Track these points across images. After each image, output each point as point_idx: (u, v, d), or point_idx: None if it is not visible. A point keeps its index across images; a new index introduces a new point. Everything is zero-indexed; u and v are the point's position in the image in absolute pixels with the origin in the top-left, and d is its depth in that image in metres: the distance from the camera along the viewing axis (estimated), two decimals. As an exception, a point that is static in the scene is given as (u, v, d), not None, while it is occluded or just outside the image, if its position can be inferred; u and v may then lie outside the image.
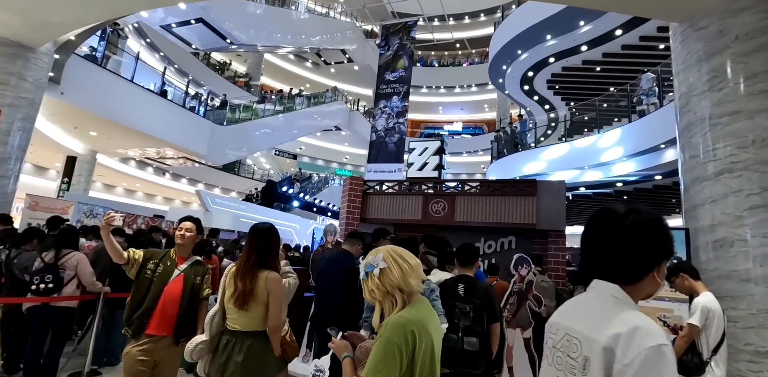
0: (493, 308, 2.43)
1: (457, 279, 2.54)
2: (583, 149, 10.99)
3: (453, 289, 2.48)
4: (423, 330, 1.16)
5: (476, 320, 2.32)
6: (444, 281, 2.56)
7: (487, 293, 2.46)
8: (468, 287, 2.47)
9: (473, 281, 2.51)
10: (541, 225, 5.76)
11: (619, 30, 11.36)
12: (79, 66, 9.32)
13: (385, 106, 16.79)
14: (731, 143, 3.20)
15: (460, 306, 2.34)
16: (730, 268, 3.08)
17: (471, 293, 2.44)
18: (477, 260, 2.63)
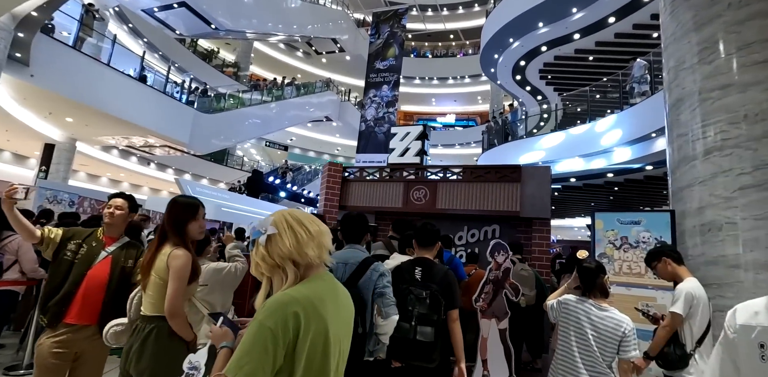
0: (452, 293, 2.18)
1: (414, 262, 2.29)
2: (580, 136, 10.66)
3: (409, 273, 2.22)
4: (313, 312, 0.90)
5: (433, 307, 2.07)
6: (399, 265, 2.31)
7: (446, 277, 2.21)
8: (426, 271, 2.21)
9: (431, 264, 2.26)
10: (524, 213, 5.53)
11: (612, 17, 11.09)
12: (50, 48, 8.91)
13: (374, 95, 16.49)
14: (722, 119, 2.96)
15: (416, 292, 2.09)
16: (718, 253, 2.85)
17: (428, 277, 2.19)
18: (438, 242, 2.37)
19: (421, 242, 2.35)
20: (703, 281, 2.78)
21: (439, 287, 2.15)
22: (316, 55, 24.43)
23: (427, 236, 2.35)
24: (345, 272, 2.17)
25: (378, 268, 2.13)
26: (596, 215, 3.16)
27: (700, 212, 3.00)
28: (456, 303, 2.19)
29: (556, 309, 2.23)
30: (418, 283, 2.15)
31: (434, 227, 2.37)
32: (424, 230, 2.35)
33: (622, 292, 2.97)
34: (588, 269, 2.16)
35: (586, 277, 2.16)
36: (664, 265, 2.44)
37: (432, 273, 2.21)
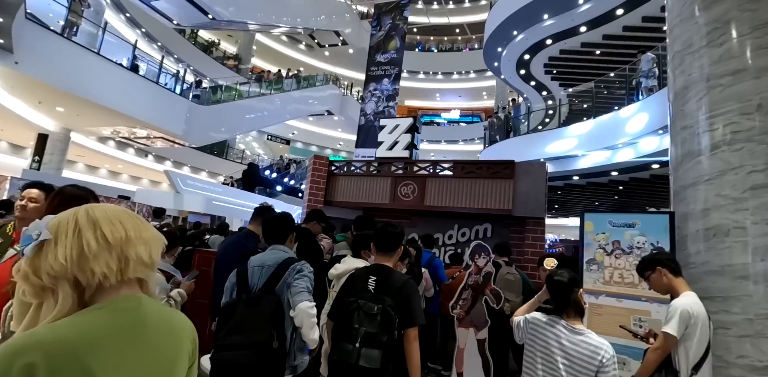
0: (409, 309, 1.85)
1: (369, 270, 1.96)
2: (606, 124, 9.81)
3: (361, 283, 1.90)
4: (67, 363, 0.59)
5: (384, 325, 1.75)
6: (351, 273, 1.99)
7: (405, 288, 1.88)
8: (381, 280, 1.89)
9: (389, 273, 1.93)
10: (517, 211, 5.18)
11: (620, 9, 10.62)
12: (37, 35, 8.66)
13: (375, 89, 16.08)
14: (732, 109, 2.60)
15: (366, 307, 1.77)
16: (724, 262, 2.50)
17: (383, 288, 1.87)
18: (400, 247, 2.04)
19: (380, 246, 2.02)
20: (706, 294, 2.43)
21: (395, 300, 1.83)
22: (318, 48, 24.06)
23: (387, 239, 2.02)
24: (261, 276, 1.95)
25: (297, 267, 1.93)
26: (586, 216, 2.81)
27: (704, 214, 2.65)
28: (415, 320, 1.86)
29: (522, 328, 1.90)
30: (369, 295, 1.83)
31: (396, 229, 2.04)
32: (384, 233, 2.02)
33: (611, 304, 2.63)
34: (559, 283, 1.83)
35: (557, 292, 1.83)
36: (658, 276, 2.10)
37: (388, 284, 1.88)
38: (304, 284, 1.91)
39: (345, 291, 1.93)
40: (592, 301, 2.69)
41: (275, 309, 1.85)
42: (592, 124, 10.12)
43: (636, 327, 2.54)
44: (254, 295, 1.90)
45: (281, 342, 1.83)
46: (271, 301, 1.86)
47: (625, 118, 9.00)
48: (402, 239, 2.06)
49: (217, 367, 1.77)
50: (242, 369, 1.75)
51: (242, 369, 1.75)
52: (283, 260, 1.98)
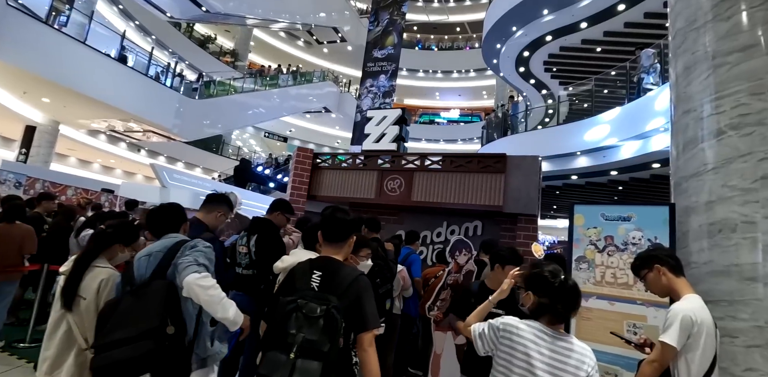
0: (361, 310, 1.56)
1: (314, 264, 1.65)
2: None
3: (303, 278, 1.60)
4: None
5: (327, 331, 1.45)
6: (292, 267, 1.69)
7: (356, 286, 1.58)
8: (327, 276, 1.59)
9: (338, 267, 1.63)
10: (508, 208, 4.89)
11: (622, 5, 10.33)
12: (19, 22, 8.39)
13: (371, 85, 15.82)
14: (741, 89, 2.31)
15: (307, 308, 1.46)
16: (730, 261, 2.21)
17: (329, 286, 1.57)
18: (352, 236, 1.75)
19: (328, 235, 1.71)
20: (710, 297, 2.14)
21: (343, 300, 1.53)
22: (317, 45, 23.78)
23: (335, 227, 1.71)
24: (148, 266, 1.71)
25: (190, 244, 1.75)
26: (575, 208, 2.52)
27: (708, 207, 2.36)
28: (369, 324, 1.57)
29: (489, 337, 1.58)
30: (311, 294, 1.53)
31: (348, 216, 1.74)
32: (332, 220, 1.71)
33: (603, 307, 2.33)
34: (540, 277, 1.53)
35: (539, 289, 1.53)
36: (656, 275, 1.81)
37: (335, 281, 1.58)
38: (192, 258, 1.68)
39: (283, 288, 1.63)
40: (582, 304, 2.40)
41: (168, 292, 1.61)
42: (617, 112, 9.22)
43: (630, 333, 2.24)
44: (140, 284, 1.66)
45: (180, 328, 1.59)
46: (160, 285, 1.63)
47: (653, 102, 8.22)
48: (355, 227, 1.76)
49: (99, 373, 1.49)
50: (130, 365, 1.49)
51: (131, 366, 1.49)
52: (174, 243, 1.76)
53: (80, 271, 1.84)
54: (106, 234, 2.00)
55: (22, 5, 9.20)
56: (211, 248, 1.80)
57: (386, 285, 2.69)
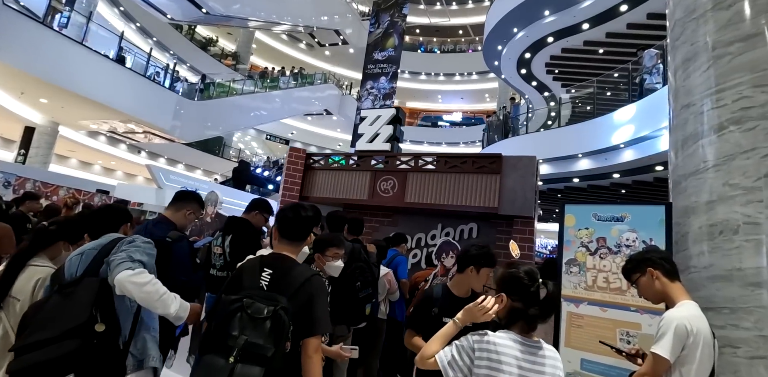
0: (311, 313, 1.42)
1: (265, 261, 1.52)
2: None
3: (251, 276, 1.47)
4: None
5: (274, 334, 1.32)
6: (241, 264, 1.55)
7: (309, 286, 1.44)
8: (278, 275, 1.46)
9: (291, 265, 1.50)
10: (503, 209, 4.73)
11: (624, 5, 10.19)
12: (16, 22, 8.37)
13: (372, 87, 15.69)
14: (743, 81, 2.16)
15: (253, 308, 1.33)
16: (733, 265, 2.05)
17: (279, 285, 1.44)
18: (309, 235, 1.62)
19: (286, 232, 1.58)
20: (710, 304, 1.99)
21: (293, 301, 1.40)
22: (319, 48, 23.77)
23: (297, 224, 1.58)
24: (80, 264, 1.59)
25: (127, 239, 1.64)
26: (566, 208, 2.36)
27: (709, 208, 2.20)
28: (317, 328, 1.44)
29: (462, 363, 1.33)
30: (259, 294, 1.40)
31: (308, 212, 1.61)
32: (294, 217, 1.57)
33: (594, 313, 2.17)
34: (516, 279, 1.39)
35: (513, 293, 1.39)
36: (649, 279, 1.65)
37: (286, 280, 1.45)
38: (125, 254, 1.54)
39: (229, 286, 1.49)
40: (572, 310, 2.24)
41: (99, 288, 1.49)
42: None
43: (623, 342, 2.09)
44: (68, 282, 1.53)
45: (112, 327, 1.46)
46: (91, 282, 1.50)
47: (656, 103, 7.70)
48: (313, 224, 1.63)
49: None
50: (50, 367, 1.35)
51: (51, 368, 1.35)
52: (109, 240, 1.65)
53: (13, 270, 1.71)
54: (47, 231, 1.87)
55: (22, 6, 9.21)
56: (151, 243, 1.68)
57: (366, 289, 2.54)
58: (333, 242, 2.15)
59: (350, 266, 2.46)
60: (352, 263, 2.49)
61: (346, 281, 2.42)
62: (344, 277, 2.32)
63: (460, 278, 1.95)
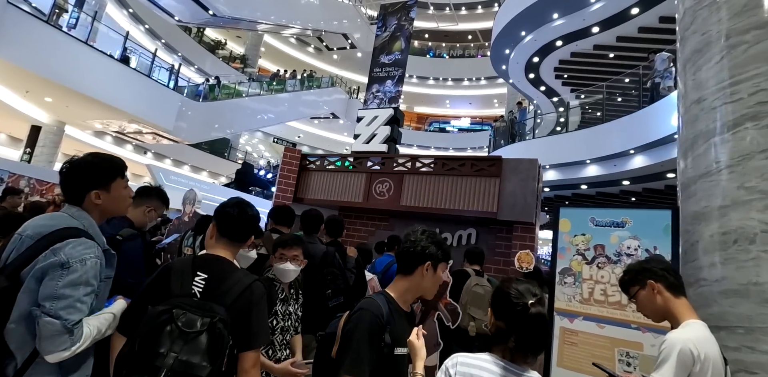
0: (249, 323, 1.23)
1: (198, 263, 1.31)
2: None
3: (182, 280, 1.27)
4: None
5: (211, 351, 1.12)
6: (166, 265, 1.35)
7: (248, 295, 1.25)
8: (213, 280, 1.27)
9: (228, 270, 1.31)
10: (502, 214, 4.51)
11: (636, 8, 9.93)
12: (20, 20, 8.38)
13: (377, 90, 15.44)
14: (761, 72, 1.94)
15: (185, 320, 1.14)
16: (749, 279, 1.82)
17: (214, 293, 1.24)
18: (251, 235, 1.42)
19: (224, 229, 1.39)
20: (722, 323, 1.75)
21: (231, 312, 1.21)
22: (327, 51, 23.80)
23: (235, 221, 1.39)
24: (13, 250, 1.25)
25: (60, 251, 1.17)
26: (561, 212, 2.14)
27: (722, 214, 1.97)
28: (256, 341, 1.25)
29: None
30: (192, 302, 1.21)
31: (252, 211, 1.42)
32: (240, 215, 1.39)
33: (590, 330, 1.94)
34: (503, 296, 1.18)
35: (499, 311, 1.18)
36: (649, 293, 1.43)
37: (224, 287, 1.26)
38: (64, 305, 1.13)
39: (152, 292, 1.29)
40: (565, 325, 2.00)
41: (7, 293, 1.15)
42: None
43: (622, 364, 1.85)
44: None
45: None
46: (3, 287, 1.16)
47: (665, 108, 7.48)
48: (253, 224, 1.43)
49: None
50: None
51: None
52: (53, 230, 1.23)
53: None
54: None
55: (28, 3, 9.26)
56: (91, 248, 1.25)
57: (337, 298, 2.32)
58: (281, 242, 1.95)
59: (320, 271, 2.26)
60: (323, 268, 2.29)
61: (316, 288, 2.21)
62: (313, 283, 2.12)
63: (409, 283, 1.37)
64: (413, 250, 1.37)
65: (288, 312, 1.98)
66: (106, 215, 1.44)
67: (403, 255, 1.39)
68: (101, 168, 1.38)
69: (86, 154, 1.40)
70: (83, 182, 1.33)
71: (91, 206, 1.35)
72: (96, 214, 1.37)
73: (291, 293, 2.04)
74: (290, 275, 1.95)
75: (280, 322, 1.95)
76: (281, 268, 1.94)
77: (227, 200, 1.45)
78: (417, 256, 1.36)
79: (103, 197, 1.35)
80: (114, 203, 1.40)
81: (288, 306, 1.99)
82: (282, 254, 1.95)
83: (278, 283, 1.98)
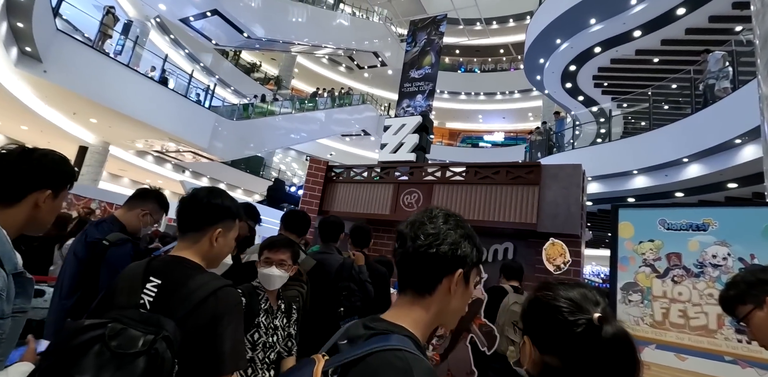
0: (214, 343, 0.95)
1: (152, 266, 1.06)
2: None
3: (129, 288, 1.01)
4: None
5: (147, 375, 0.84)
6: (122, 271, 1.09)
7: (211, 304, 0.97)
8: (169, 287, 1.00)
9: (187, 273, 1.03)
10: (544, 226, 4.06)
11: (682, 8, 9.34)
12: (66, 45, 8.90)
13: (408, 105, 15.35)
14: None
15: (121, 338, 0.87)
16: None
17: (167, 303, 0.97)
18: (214, 227, 1.13)
19: (182, 223, 1.14)
20: None
21: (185, 327, 0.93)
22: (358, 70, 24.16)
23: (191, 209, 1.14)
24: None
25: None
26: (620, 213, 1.75)
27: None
28: (224, 366, 0.96)
29: None
30: (135, 315, 0.94)
31: (216, 199, 1.16)
32: (191, 197, 1.15)
33: (668, 362, 1.51)
34: (548, 310, 0.81)
35: (543, 337, 0.81)
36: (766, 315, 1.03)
37: (180, 294, 0.98)
38: None
39: (96, 305, 1.03)
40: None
41: None
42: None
43: (716, 409, 1.40)
44: None
45: None
46: None
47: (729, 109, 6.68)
48: (224, 215, 1.16)
49: None
50: None
51: None
52: None
53: None
54: None
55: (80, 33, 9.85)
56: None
57: (352, 317, 1.99)
58: (267, 244, 1.67)
59: (335, 285, 1.95)
60: (338, 282, 1.98)
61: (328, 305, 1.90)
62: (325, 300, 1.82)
63: (433, 309, 0.81)
64: (435, 252, 0.79)
65: (274, 325, 1.69)
66: (27, 228, 1.03)
67: (416, 261, 0.80)
68: (66, 166, 1.12)
69: (29, 147, 1.08)
70: (33, 176, 1.01)
71: (21, 211, 0.99)
72: (19, 224, 1.00)
73: (279, 304, 1.77)
74: (275, 282, 1.68)
75: (263, 337, 1.66)
76: (265, 273, 1.68)
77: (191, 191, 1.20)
78: (442, 262, 0.79)
79: (47, 202, 1.02)
80: (51, 214, 1.06)
81: (274, 318, 1.70)
82: (267, 258, 1.69)
83: (262, 291, 1.70)
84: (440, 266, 0.80)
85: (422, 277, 0.80)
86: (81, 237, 1.77)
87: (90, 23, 10.45)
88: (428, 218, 0.85)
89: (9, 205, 0.98)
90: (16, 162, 1.00)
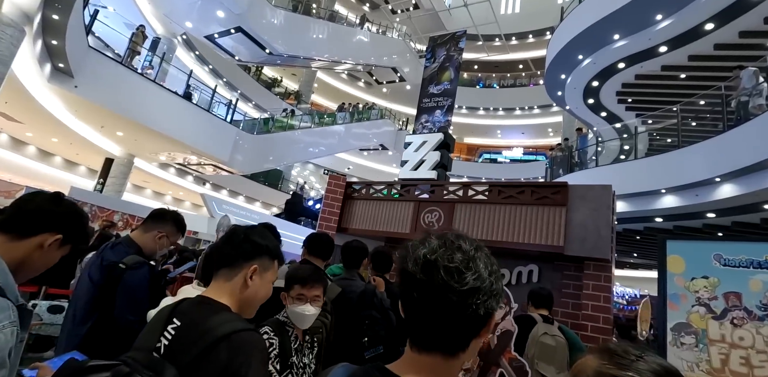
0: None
1: (179, 307, 0.98)
2: None
3: (152, 331, 0.93)
4: None
5: None
6: (158, 312, 1.01)
7: (222, 349, 0.87)
8: (185, 329, 0.90)
9: (204, 315, 0.94)
10: (571, 249, 3.88)
11: (710, 23, 9.13)
12: (97, 61, 9.21)
13: (426, 120, 15.30)
14: None
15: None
16: None
17: (180, 346, 0.88)
18: (246, 265, 1.03)
19: (218, 261, 1.05)
20: None
21: (194, 373, 0.84)
22: (376, 85, 24.41)
23: (219, 250, 1.08)
24: None
25: None
26: (668, 245, 1.60)
27: None
28: None
29: None
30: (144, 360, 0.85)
31: (255, 237, 1.08)
32: (229, 237, 1.07)
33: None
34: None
35: None
36: None
37: (190, 338, 0.89)
38: None
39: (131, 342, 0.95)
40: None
41: None
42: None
43: None
44: None
45: None
46: None
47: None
48: (261, 251, 1.07)
49: None
50: None
51: None
52: None
53: None
54: None
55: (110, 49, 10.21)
56: (8, 324, 0.87)
57: (376, 347, 1.87)
58: (299, 279, 1.55)
59: (357, 314, 1.84)
60: (360, 310, 1.87)
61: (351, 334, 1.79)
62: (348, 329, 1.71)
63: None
64: (485, 312, 0.64)
65: (302, 364, 1.57)
66: (18, 268, 0.97)
67: (458, 319, 0.63)
68: (85, 225, 1.13)
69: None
70: (53, 217, 1.03)
71: (24, 247, 0.98)
72: (16, 261, 0.96)
73: (306, 340, 1.65)
74: (308, 321, 1.56)
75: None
76: (298, 312, 1.54)
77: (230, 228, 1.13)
78: (481, 321, 0.64)
79: (52, 247, 1.01)
80: (44, 262, 1.03)
81: (303, 356, 1.58)
82: (301, 295, 1.56)
83: (291, 328, 1.58)
84: (478, 326, 0.65)
85: (459, 337, 0.65)
86: (96, 260, 1.72)
87: (119, 40, 10.86)
88: (464, 262, 0.65)
89: (17, 238, 0.98)
90: (46, 200, 1.05)
